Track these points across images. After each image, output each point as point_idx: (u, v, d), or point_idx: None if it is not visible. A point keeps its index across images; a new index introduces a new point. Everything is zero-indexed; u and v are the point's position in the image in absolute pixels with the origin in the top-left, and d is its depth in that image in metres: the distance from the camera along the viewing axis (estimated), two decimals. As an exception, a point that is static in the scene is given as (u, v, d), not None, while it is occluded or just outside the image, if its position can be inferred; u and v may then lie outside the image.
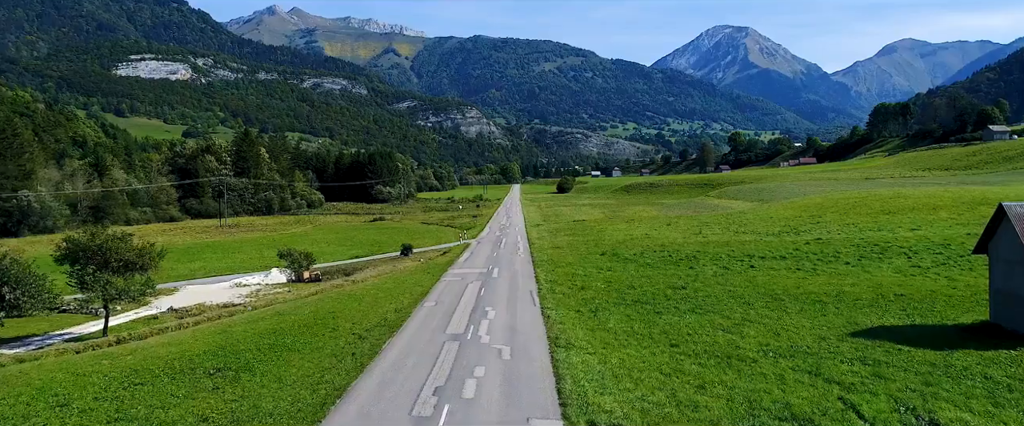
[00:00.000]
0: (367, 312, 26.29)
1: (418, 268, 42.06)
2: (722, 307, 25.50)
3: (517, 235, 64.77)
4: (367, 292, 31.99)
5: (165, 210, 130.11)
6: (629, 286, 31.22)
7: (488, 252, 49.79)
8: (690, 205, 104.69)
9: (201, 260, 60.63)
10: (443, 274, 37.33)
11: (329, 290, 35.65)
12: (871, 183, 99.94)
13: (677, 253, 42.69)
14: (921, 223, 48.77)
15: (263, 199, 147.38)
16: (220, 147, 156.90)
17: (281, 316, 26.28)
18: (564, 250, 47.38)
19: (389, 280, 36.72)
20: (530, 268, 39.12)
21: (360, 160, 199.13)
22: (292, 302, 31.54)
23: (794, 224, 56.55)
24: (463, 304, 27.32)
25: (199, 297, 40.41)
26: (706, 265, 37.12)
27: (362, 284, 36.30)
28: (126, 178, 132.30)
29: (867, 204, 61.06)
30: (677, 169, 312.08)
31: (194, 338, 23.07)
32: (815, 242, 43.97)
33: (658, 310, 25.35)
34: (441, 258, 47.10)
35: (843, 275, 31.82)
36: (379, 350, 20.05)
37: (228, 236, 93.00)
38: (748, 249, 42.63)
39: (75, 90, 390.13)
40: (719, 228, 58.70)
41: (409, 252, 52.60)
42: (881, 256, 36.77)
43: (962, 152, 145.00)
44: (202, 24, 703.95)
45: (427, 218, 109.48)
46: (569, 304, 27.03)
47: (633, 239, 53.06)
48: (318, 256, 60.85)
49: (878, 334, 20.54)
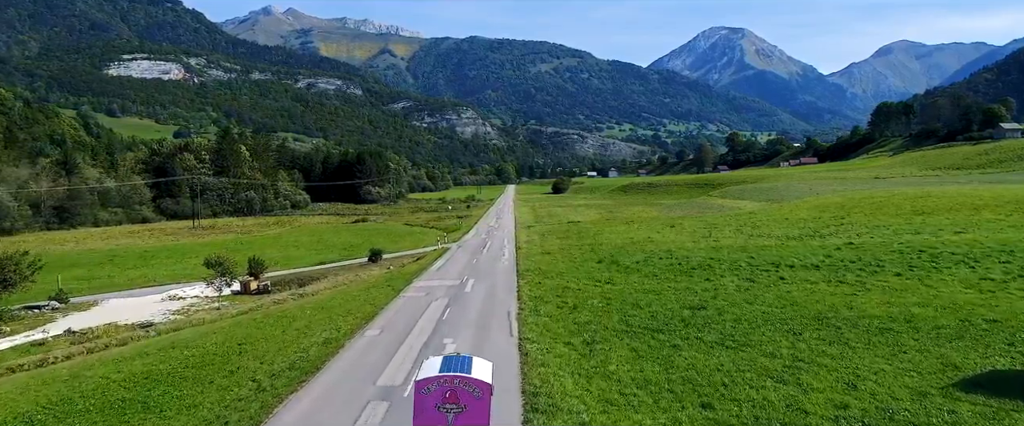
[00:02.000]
0: (288, 343, 19.83)
1: (381, 278, 35.55)
2: (760, 337, 19.12)
3: (504, 238, 58.23)
4: (304, 312, 25.48)
5: (138, 211, 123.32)
6: (634, 305, 24.80)
7: (467, 259, 43.29)
8: (692, 205, 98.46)
9: (151, 266, 54.07)
10: (406, 287, 30.83)
11: (266, 307, 29.22)
12: (884, 182, 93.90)
13: (687, 260, 36.31)
14: (965, 225, 42.55)
15: (244, 199, 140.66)
16: (199, 145, 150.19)
17: (172, 350, 19.78)
18: (555, 256, 40.94)
19: (340, 294, 30.19)
20: (513, 279, 32.61)
21: (349, 160, 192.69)
22: (208, 324, 25.09)
23: (814, 226, 50.30)
24: (416, 333, 20.81)
25: (119, 313, 33.89)
26: (725, 276, 30.72)
27: (306, 300, 29.84)
28: (98, 177, 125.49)
29: (894, 204, 54.85)
30: (675, 170, 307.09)
31: (27, 387, 16.56)
32: (847, 247, 37.66)
33: (674, 342, 18.94)
34: (412, 265, 40.58)
35: (900, 290, 25.46)
36: (269, 415, 13.58)
37: (197, 238, 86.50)
38: (770, 255, 36.30)
39: (66, 90, 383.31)
40: (730, 230, 52.39)
41: (378, 258, 46.11)
42: (935, 265, 30.46)
43: (972, 151, 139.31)
44: (196, 24, 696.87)
45: (413, 219, 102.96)
46: (557, 332, 20.57)
47: (634, 243, 46.65)
48: (282, 261, 54.42)
49: (1000, 387, 14.21)
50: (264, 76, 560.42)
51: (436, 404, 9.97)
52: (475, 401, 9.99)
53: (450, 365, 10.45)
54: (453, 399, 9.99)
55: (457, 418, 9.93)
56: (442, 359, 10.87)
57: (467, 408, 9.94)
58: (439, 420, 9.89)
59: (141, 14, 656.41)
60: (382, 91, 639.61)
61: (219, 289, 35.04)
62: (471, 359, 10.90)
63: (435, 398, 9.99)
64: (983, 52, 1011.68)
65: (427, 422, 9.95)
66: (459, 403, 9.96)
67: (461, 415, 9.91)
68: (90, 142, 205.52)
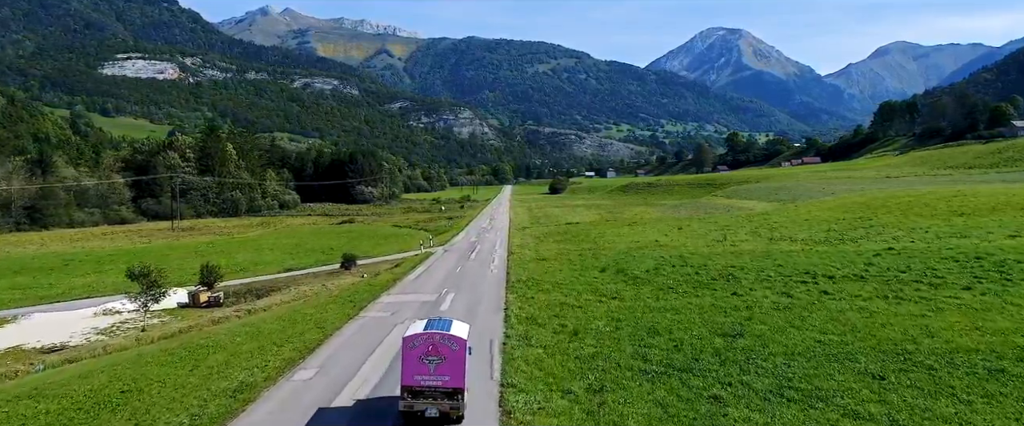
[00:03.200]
0: (188, 392, 14.67)
1: (346, 290, 30.26)
2: (830, 383, 14.04)
3: (496, 241, 53.00)
4: (232, 340, 20.27)
5: (116, 211, 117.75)
6: (650, 329, 19.69)
7: (451, 266, 38.10)
8: (697, 206, 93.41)
9: (106, 273, 48.85)
10: (371, 303, 25.56)
11: (199, 328, 24.06)
12: (896, 182, 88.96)
13: (705, 268, 31.22)
14: (1018, 228, 37.56)
15: (229, 199, 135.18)
16: (184, 143, 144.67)
17: (20, 403, 14.54)
18: (552, 263, 35.81)
19: (290, 312, 24.93)
20: (501, 293, 27.41)
21: (341, 159, 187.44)
22: (107, 356, 19.89)
23: (839, 228, 45.25)
24: (361, 377, 15.54)
25: (37, 332, 28.69)
26: (755, 289, 25.63)
27: (248, 319, 24.65)
28: (75, 176, 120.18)
29: (925, 204, 49.87)
30: (673, 170, 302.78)
31: None
32: (888, 254, 32.62)
33: (713, 390, 13.84)
34: (387, 274, 35.32)
35: (982, 311, 20.40)
36: None
37: (172, 241, 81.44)
38: (800, 263, 31.26)
39: (60, 89, 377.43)
40: (745, 233, 47.33)
41: (351, 265, 40.87)
42: (1006, 276, 25.39)
43: (985, 150, 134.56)
44: (193, 24, 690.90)
45: (402, 220, 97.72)
46: (553, 373, 15.43)
47: (641, 247, 41.53)
48: (250, 268, 49.22)
49: None
50: (260, 76, 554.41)
51: (420, 356, 12.21)
52: (453, 353, 12.24)
53: (433, 325, 13.07)
54: (434, 352, 12.22)
55: (437, 368, 12.19)
56: (426, 321, 13.67)
57: (446, 359, 12.20)
58: (423, 370, 12.15)
59: (137, 14, 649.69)
60: (379, 91, 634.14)
61: (145, 305, 29.83)
62: (452, 321, 13.56)
63: (420, 352, 12.23)
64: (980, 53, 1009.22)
65: (413, 373, 12.19)
66: (440, 355, 12.21)
67: (441, 365, 12.20)
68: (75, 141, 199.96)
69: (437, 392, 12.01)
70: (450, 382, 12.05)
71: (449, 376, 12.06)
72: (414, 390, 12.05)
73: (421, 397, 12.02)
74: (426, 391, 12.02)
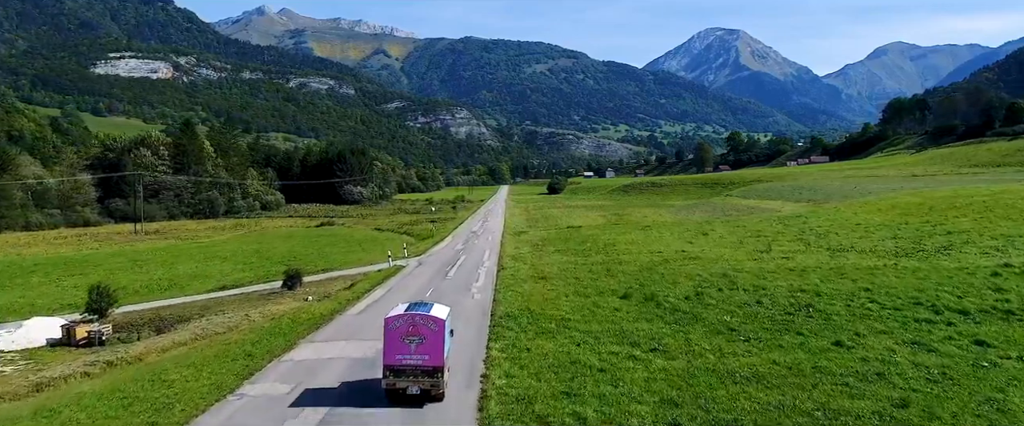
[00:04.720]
0: None
1: (254, 330, 20.98)
2: None
3: (486, 251, 44.10)
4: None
5: (79, 213, 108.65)
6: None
7: (419, 288, 28.97)
8: (710, 206, 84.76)
9: (29, 286, 40.32)
10: (269, 364, 16.12)
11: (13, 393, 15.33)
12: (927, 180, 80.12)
13: (765, 293, 22.53)
14: None
15: (205, 200, 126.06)
16: (158, 140, 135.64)
17: None
18: (555, 285, 27.04)
19: (149, 374, 15.89)
20: (481, 341, 18.42)
21: (329, 157, 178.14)
22: None
23: (909, 235, 36.53)
24: None
25: None
26: (864, 334, 16.91)
27: (82, 387, 15.80)
28: (38, 175, 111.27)
29: (1004, 205, 41.29)
30: (674, 169, 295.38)
31: None
32: (1008, 271, 23.98)
33: None
34: (331, 300, 26.28)
35: None
36: None
37: (127, 245, 72.84)
38: (894, 286, 22.61)
39: (51, 88, 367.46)
40: (788, 240, 38.69)
41: (296, 284, 31.89)
42: None
43: (1010, 147, 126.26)
44: (188, 24, 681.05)
45: (387, 222, 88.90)
46: None
47: (666, 260, 32.73)
48: (184, 284, 40.31)
49: None
50: (255, 76, 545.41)
51: (401, 336, 13.27)
52: (432, 333, 13.33)
53: (413, 307, 14.32)
54: (415, 332, 13.31)
55: (418, 347, 13.26)
56: (408, 303, 15.20)
57: (426, 339, 13.29)
58: (404, 349, 13.19)
59: (131, 13, 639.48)
60: (375, 91, 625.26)
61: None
62: (432, 304, 14.94)
63: (401, 332, 13.29)
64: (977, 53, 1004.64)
65: (395, 352, 13.21)
66: (420, 335, 13.30)
67: (421, 345, 13.26)
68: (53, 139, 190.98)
69: (418, 371, 12.85)
70: (430, 361, 12.89)
71: (428, 355, 12.91)
72: (396, 369, 12.95)
73: (403, 376, 12.89)
74: (408, 369, 12.90)
